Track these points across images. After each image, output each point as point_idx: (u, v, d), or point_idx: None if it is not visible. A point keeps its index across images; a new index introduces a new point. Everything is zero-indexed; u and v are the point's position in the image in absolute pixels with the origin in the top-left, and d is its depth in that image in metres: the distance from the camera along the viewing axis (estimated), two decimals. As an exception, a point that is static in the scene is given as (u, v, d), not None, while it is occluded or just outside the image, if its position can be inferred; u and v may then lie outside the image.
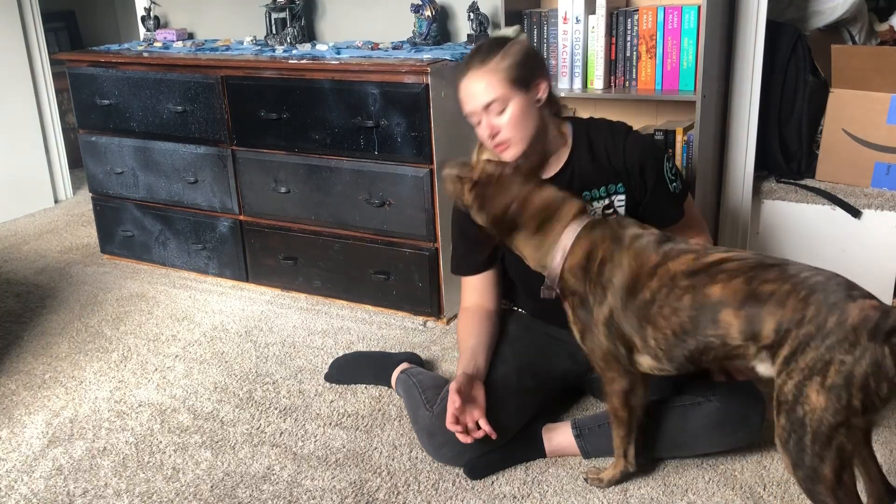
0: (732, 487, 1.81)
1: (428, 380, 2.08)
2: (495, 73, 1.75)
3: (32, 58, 4.07)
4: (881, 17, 3.12)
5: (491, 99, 1.76)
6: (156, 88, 2.97)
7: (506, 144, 1.79)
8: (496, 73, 1.75)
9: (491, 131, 1.78)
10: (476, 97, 1.77)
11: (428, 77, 2.44)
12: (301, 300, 2.92)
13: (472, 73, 1.78)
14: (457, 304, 2.73)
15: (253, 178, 2.89)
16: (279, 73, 2.72)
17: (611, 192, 1.89)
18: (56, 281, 3.18)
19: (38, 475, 1.97)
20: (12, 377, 2.45)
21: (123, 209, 3.26)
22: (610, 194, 1.89)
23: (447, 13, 2.89)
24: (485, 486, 1.85)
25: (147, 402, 2.28)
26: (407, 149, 2.54)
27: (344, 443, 2.05)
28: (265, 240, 2.96)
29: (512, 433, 1.92)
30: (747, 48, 2.48)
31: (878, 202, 2.55)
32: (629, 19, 2.42)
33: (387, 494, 1.84)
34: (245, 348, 2.58)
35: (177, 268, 3.23)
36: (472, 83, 1.78)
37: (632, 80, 2.48)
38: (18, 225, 3.93)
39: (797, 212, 2.64)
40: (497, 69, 1.76)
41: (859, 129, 2.66)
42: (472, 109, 1.80)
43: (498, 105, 1.76)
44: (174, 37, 3.29)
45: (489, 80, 1.76)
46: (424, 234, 2.61)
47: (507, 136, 1.78)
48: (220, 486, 1.90)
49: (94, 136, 3.22)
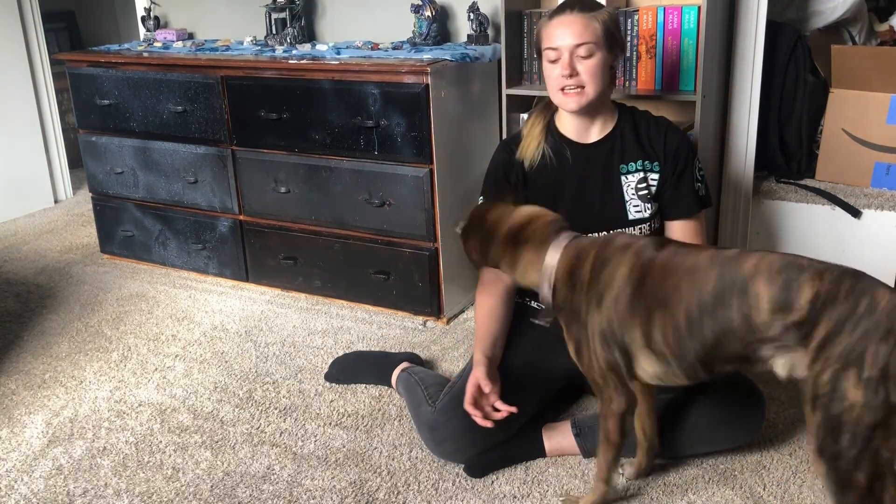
0: (732, 487, 1.81)
1: (429, 377, 2.09)
2: (595, 20, 1.83)
3: (32, 58, 4.07)
4: (881, 17, 3.12)
5: (586, 40, 1.81)
6: (156, 88, 2.97)
7: (577, 90, 1.83)
8: (596, 20, 1.83)
9: (571, 70, 1.82)
10: (572, 34, 1.81)
11: (428, 77, 2.44)
12: (301, 300, 2.92)
13: (572, 14, 1.82)
14: (457, 304, 2.74)
15: (253, 178, 2.89)
16: (279, 74, 2.72)
17: (647, 168, 1.92)
18: (56, 281, 3.18)
19: (38, 475, 1.97)
20: (12, 377, 2.45)
21: (123, 209, 3.26)
22: (646, 170, 1.92)
23: (447, 13, 2.90)
24: (485, 486, 1.85)
25: (147, 401, 2.28)
26: (407, 149, 2.54)
27: (344, 443, 2.05)
28: (265, 240, 2.96)
29: (512, 432, 1.92)
30: (747, 48, 2.49)
31: (878, 202, 2.56)
32: (629, 19, 2.42)
33: (387, 494, 1.84)
34: (245, 348, 2.58)
35: (177, 268, 3.23)
36: (572, 21, 1.82)
37: (632, 79, 2.48)
38: (18, 225, 3.93)
39: (797, 212, 2.64)
40: (598, 18, 1.83)
41: (859, 129, 2.66)
42: (561, 44, 1.82)
43: (586, 49, 1.81)
44: (174, 37, 3.29)
45: (589, 23, 1.82)
46: (424, 234, 2.61)
47: (583, 80, 1.83)
48: (220, 486, 1.90)
49: (94, 136, 3.22)
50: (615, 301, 1.51)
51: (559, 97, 1.87)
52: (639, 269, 1.50)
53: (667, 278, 1.47)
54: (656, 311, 1.46)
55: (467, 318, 2.73)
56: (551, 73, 1.85)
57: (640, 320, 1.49)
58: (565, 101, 1.86)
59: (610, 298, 1.52)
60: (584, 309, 1.56)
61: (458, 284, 2.74)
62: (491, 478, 1.88)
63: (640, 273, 1.49)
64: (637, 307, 1.49)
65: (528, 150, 1.95)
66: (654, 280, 1.48)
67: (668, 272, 1.47)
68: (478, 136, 2.72)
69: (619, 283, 1.51)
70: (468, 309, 2.79)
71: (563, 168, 1.94)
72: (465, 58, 2.56)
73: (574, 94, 1.83)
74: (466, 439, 1.87)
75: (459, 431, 1.87)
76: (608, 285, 1.52)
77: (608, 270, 1.53)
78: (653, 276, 1.48)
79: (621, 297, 1.51)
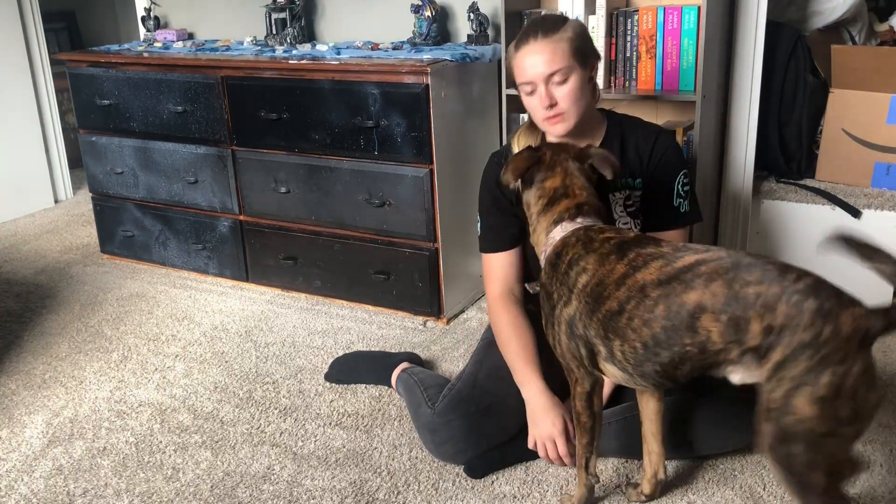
0: (732, 487, 1.81)
1: (429, 378, 2.09)
2: (561, 42, 1.76)
3: (32, 58, 4.07)
4: (881, 17, 3.12)
5: (557, 68, 1.76)
6: (156, 88, 2.97)
7: (560, 117, 1.79)
8: (562, 42, 1.76)
9: (549, 101, 1.77)
10: (540, 65, 1.76)
11: (428, 77, 2.44)
12: (301, 300, 2.92)
13: (536, 42, 1.77)
14: (456, 304, 2.74)
15: (253, 178, 2.89)
16: (279, 74, 2.72)
17: (630, 186, 1.90)
18: (56, 281, 3.18)
19: (38, 475, 1.97)
20: (12, 377, 2.45)
21: (123, 209, 3.26)
22: (630, 188, 1.91)
23: (447, 13, 2.90)
24: (485, 486, 1.85)
25: (147, 401, 2.28)
26: (407, 149, 2.54)
27: (344, 443, 2.05)
28: (265, 240, 2.96)
29: (512, 432, 1.92)
30: (747, 48, 2.49)
31: (878, 202, 2.56)
32: (629, 19, 2.42)
33: (387, 494, 1.84)
34: (245, 348, 2.58)
35: (177, 268, 3.23)
36: (538, 51, 1.77)
37: (632, 80, 2.48)
38: (18, 225, 3.93)
39: (797, 212, 2.64)
40: (563, 39, 1.77)
41: (859, 129, 2.66)
42: (532, 77, 1.77)
43: (560, 75, 1.77)
44: (174, 37, 3.29)
45: (555, 49, 1.76)
46: (424, 234, 2.61)
47: (563, 107, 1.78)
48: (220, 486, 1.90)
49: (94, 136, 3.22)
50: (578, 304, 1.53)
51: (545, 125, 1.83)
52: (596, 281, 1.50)
53: (620, 304, 1.45)
54: (614, 338, 1.48)
55: (467, 318, 2.73)
56: (530, 104, 1.82)
57: (601, 337, 1.50)
58: (552, 128, 1.82)
59: (575, 299, 1.54)
60: (555, 296, 1.59)
61: (458, 284, 2.74)
62: (491, 478, 1.88)
63: (597, 285, 1.49)
64: (596, 324, 1.50)
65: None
66: (610, 309, 1.46)
67: (622, 294, 1.45)
68: (478, 136, 2.72)
69: (581, 289, 1.52)
70: (468, 309, 2.79)
71: None
72: (465, 58, 2.56)
73: (559, 121, 1.80)
74: (466, 441, 1.87)
75: (459, 433, 1.87)
76: (574, 286, 1.54)
77: (576, 271, 1.54)
78: (607, 296, 1.47)
79: (582, 306, 1.52)
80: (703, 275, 1.37)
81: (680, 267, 1.40)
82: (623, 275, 1.46)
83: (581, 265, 1.53)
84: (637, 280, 1.44)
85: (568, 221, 1.62)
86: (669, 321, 1.38)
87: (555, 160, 1.67)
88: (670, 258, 1.43)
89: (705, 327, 1.35)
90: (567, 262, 1.56)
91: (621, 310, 1.45)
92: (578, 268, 1.54)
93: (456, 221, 2.66)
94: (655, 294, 1.40)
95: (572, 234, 1.59)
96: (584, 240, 1.57)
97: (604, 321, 1.48)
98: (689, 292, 1.37)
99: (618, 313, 1.45)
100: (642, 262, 1.46)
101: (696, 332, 1.36)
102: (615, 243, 1.52)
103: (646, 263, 1.45)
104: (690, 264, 1.40)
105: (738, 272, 1.35)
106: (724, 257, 1.39)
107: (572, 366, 1.61)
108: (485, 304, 2.80)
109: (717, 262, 1.38)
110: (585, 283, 1.52)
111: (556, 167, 1.66)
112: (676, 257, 1.43)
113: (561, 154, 1.68)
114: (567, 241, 1.59)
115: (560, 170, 1.66)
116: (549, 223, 1.65)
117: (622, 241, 1.52)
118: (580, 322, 1.54)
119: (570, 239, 1.59)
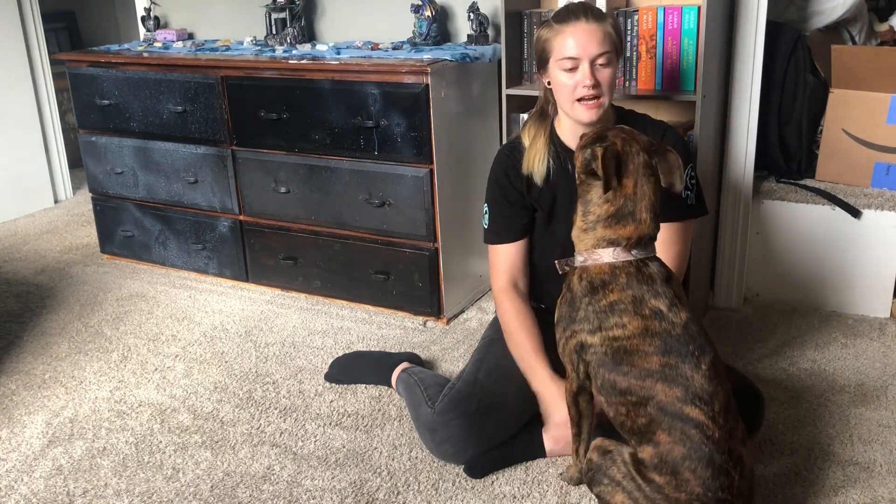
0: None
1: (429, 378, 2.09)
2: (609, 29, 1.81)
3: (32, 58, 4.07)
4: (881, 17, 3.12)
5: (605, 49, 1.79)
6: (156, 88, 2.97)
7: (598, 100, 1.81)
8: (610, 29, 1.81)
9: (593, 80, 1.78)
10: (592, 43, 1.78)
11: (428, 77, 2.44)
12: (301, 300, 2.92)
13: (588, 22, 1.79)
14: (457, 305, 2.74)
15: (253, 178, 2.89)
16: (279, 74, 2.72)
17: None
18: (56, 281, 3.18)
19: (38, 475, 1.97)
20: (12, 377, 2.45)
21: (123, 209, 3.26)
22: None
23: (447, 13, 2.90)
24: (485, 486, 1.85)
25: (147, 402, 2.28)
26: (407, 149, 2.54)
27: (344, 443, 2.05)
28: (265, 240, 2.96)
29: (512, 432, 1.92)
30: (747, 48, 2.48)
31: (878, 202, 2.55)
32: (629, 19, 2.42)
33: (387, 494, 1.84)
34: (245, 348, 2.58)
35: (177, 268, 3.23)
36: (590, 30, 1.78)
37: (632, 79, 2.48)
38: (18, 225, 3.93)
39: (797, 212, 2.64)
40: (612, 27, 1.82)
41: (859, 129, 2.66)
42: (580, 53, 1.78)
43: (606, 58, 1.80)
44: (174, 37, 3.29)
45: (605, 32, 1.80)
46: (424, 234, 2.61)
47: (603, 89, 1.81)
48: (220, 486, 1.90)
49: (94, 136, 3.22)
50: (601, 347, 1.58)
51: (575, 107, 1.82)
52: (627, 348, 1.55)
53: (631, 390, 1.54)
54: (612, 395, 1.58)
55: (467, 318, 2.73)
56: (567, 82, 1.80)
57: (604, 385, 1.59)
58: (582, 111, 1.82)
59: (600, 339, 1.58)
60: (581, 314, 1.61)
61: (458, 284, 2.74)
62: (491, 478, 1.88)
63: (626, 353, 1.55)
64: (604, 374, 1.58)
65: (534, 164, 1.92)
66: (624, 379, 1.55)
67: (638, 385, 1.53)
68: (478, 136, 2.72)
69: (610, 338, 1.57)
70: (468, 309, 2.79)
71: (562, 177, 1.93)
72: (465, 58, 2.56)
73: (593, 105, 1.81)
74: (466, 441, 1.87)
75: (459, 433, 1.87)
76: (605, 328, 1.57)
77: (614, 320, 1.56)
78: (626, 371, 1.54)
79: (602, 354, 1.58)
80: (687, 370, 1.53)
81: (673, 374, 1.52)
82: (651, 373, 1.52)
83: (623, 320, 1.55)
84: (657, 391, 1.51)
85: (623, 250, 1.58)
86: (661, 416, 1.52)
87: (626, 151, 1.58)
88: (692, 387, 1.50)
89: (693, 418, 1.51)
90: (609, 302, 1.57)
91: (629, 392, 1.54)
92: (618, 318, 1.56)
93: (456, 221, 2.66)
94: (656, 413, 1.52)
95: (623, 267, 1.57)
96: (636, 294, 1.55)
97: (611, 382, 1.56)
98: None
99: (624, 392, 1.55)
100: (673, 376, 1.51)
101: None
102: (665, 335, 1.53)
103: (675, 381, 1.51)
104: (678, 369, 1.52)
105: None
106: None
107: (567, 368, 1.68)
108: (485, 304, 2.81)
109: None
110: (617, 337, 1.56)
111: (628, 163, 1.57)
112: (668, 354, 1.52)
113: (633, 145, 1.59)
114: (616, 274, 1.57)
115: (632, 168, 1.57)
116: (602, 238, 1.59)
117: (669, 336, 1.53)
118: (593, 358, 1.59)
119: (620, 276, 1.57)
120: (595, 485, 1.60)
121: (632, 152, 1.57)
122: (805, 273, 2.68)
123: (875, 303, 2.60)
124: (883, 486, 1.81)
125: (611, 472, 1.56)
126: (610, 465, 1.57)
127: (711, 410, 1.49)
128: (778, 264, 2.71)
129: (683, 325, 1.54)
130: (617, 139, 1.59)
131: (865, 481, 1.82)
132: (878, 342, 2.45)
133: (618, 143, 1.58)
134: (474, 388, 1.92)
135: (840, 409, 2.11)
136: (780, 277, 2.72)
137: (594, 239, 1.60)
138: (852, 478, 1.84)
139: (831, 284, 2.65)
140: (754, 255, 2.72)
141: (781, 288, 2.73)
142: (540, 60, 1.88)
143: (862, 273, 2.60)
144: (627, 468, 1.54)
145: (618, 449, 1.59)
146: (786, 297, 2.73)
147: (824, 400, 2.15)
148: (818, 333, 2.52)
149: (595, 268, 1.59)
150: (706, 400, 1.49)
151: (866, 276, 2.60)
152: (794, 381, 2.25)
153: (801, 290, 2.70)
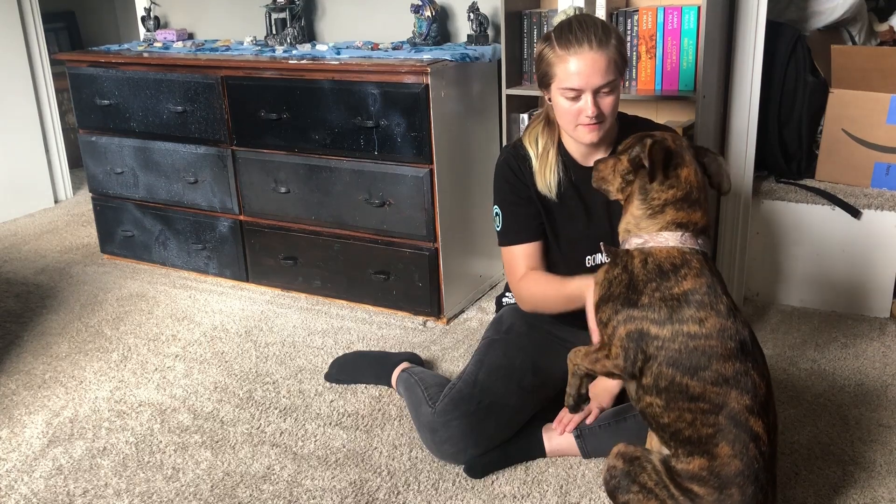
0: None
1: (430, 377, 2.09)
2: (613, 54, 1.72)
3: (32, 58, 4.07)
4: (881, 17, 3.12)
5: (609, 79, 1.72)
6: (156, 88, 2.97)
7: (600, 126, 1.77)
8: (614, 54, 1.72)
9: (595, 111, 1.74)
10: (595, 76, 1.71)
11: (428, 77, 2.44)
12: (301, 300, 2.92)
13: (592, 51, 1.70)
14: (457, 304, 2.74)
15: (253, 178, 2.89)
16: (279, 74, 2.72)
17: None
18: (56, 281, 3.19)
19: (38, 475, 1.97)
20: (12, 377, 2.45)
21: (123, 209, 3.26)
22: None
23: (447, 13, 2.90)
24: (485, 486, 1.85)
25: (147, 402, 2.28)
26: (407, 149, 2.54)
27: (344, 443, 2.05)
28: (265, 240, 2.96)
29: (512, 432, 1.92)
30: (747, 48, 2.48)
31: (878, 202, 2.56)
32: (629, 19, 2.42)
33: (387, 494, 1.84)
34: (245, 348, 2.58)
35: (177, 268, 3.23)
36: (594, 61, 1.71)
37: (632, 79, 2.48)
38: (18, 225, 3.93)
39: (797, 212, 2.64)
40: (617, 51, 1.73)
41: (859, 129, 2.66)
42: (583, 86, 1.72)
43: (610, 87, 1.74)
44: (174, 37, 3.29)
45: (609, 60, 1.72)
46: (424, 234, 2.61)
47: (605, 115, 1.76)
48: (220, 486, 1.90)
49: (94, 136, 3.22)
50: (672, 343, 1.46)
51: (577, 130, 1.79)
52: (704, 347, 1.45)
53: (703, 395, 1.46)
54: (662, 398, 1.49)
55: (467, 318, 2.73)
56: (569, 109, 1.76)
57: (657, 388, 1.49)
58: (584, 133, 1.78)
59: (672, 334, 1.46)
60: (645, 300, 1.48)
61: (458, 284, 2.74)
62: (491, 478, 1.88)
63: (702, 354, 1.45)
64: (668, 377, 1.47)
65: (547, 180, 1.88)
66: (696, 385, 1.46)
67: (711, 392, 1.46)
68: (478, 136, 2.72)
69: (685, 333, 1.46)
70: (468, 309, 2.79)
71: (568, 187, 1.91)
72: (465, 58, 2.56)
73: (595, 129, 1.77)
74: (466, 440, 1.87)
75: (459, 433, 1.87)
76: (679, 320, 1.46)
77: (689, 313, 1.46)
78: (699, 377, 1.46)
79: (675, 352, 1.46)
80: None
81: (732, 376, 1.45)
82: (726, 379, 1.44)
83: (699, 314, 1.45)
84: (731, 399, 1.44)
85: (690, 235, 1.50)
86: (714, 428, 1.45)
87: (678, 145, 1.54)
88: (759, 395, 1.45)
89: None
90: (683, 291, 1.46)
91: (701, 398, 1.45)
92: (694, 311, 1.46)
93: (456, 221, 2.66)
94: (726, 423, 1.45)
95: (692, 254, 1.49)
96: (709, 285, 1.47)
97: (681, 386, 1.46)
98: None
99: (696, 398, 1.45)
100: (745, 383, 1.45)
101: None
102: (739, 340, 1.46)
103: (746, 388, 1.44)
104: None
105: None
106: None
107: (613, 349, 1.53)
108: (485, 304, 2.81)
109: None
110: (693, 334, 1.45)
111: (683, 154, 1.53)
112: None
113: (682, 142, 1.56)
114: (688, 259, 1.48)
115: (688, 159, 1.52)
116: (672, 221, 1.50)
117: (743, 341, 1.46)
118: (661, 353, 1.47)
119: (693, 261, 1.48)
120: (622, 492, 1.52)
121: (683, 146, 1.54)
122: (805, 273, 2.68)
123: (875, 303, 2.61)
124: (883, 486, 1.81)
125: (641, 478, 1.50)
126: (639, 471, 1.50)
127: (767, 424, 1.44)
128: (778, 264, 2.71)
129: (746, 325, 1.49)
130: (666, 135, 1.56)
131: (865, 481, 1.82)
132: (878, 342, 2.45)
133: (668, 138, 1.55)
134: (475, 388, 1.92)
135: (840, 409, 2.11)
136: (780, 277, 2.72)
137: (663, 222, 1.51)
138: (852, 478, 1.84)
139: (831, 284, 2.65)
140: (754, 255, 2.72)
141: (781, 288, 2.73)
142: (541, 80, 1.82)
143: (862, 273, 2.60)
144: (660, 476, 1.48)
145: (645, 455, 1.53)
146: (786, 297, 2.73)
147: (824, 400, 2.15)
148: (818, 333, 2.52)
149: (662, 251, 1.49)
150: (767, 411, 1.45)
151: (866, 276, 2.60)
152: (794, 381, 2.25)
153: (801, 290, 2.70)
